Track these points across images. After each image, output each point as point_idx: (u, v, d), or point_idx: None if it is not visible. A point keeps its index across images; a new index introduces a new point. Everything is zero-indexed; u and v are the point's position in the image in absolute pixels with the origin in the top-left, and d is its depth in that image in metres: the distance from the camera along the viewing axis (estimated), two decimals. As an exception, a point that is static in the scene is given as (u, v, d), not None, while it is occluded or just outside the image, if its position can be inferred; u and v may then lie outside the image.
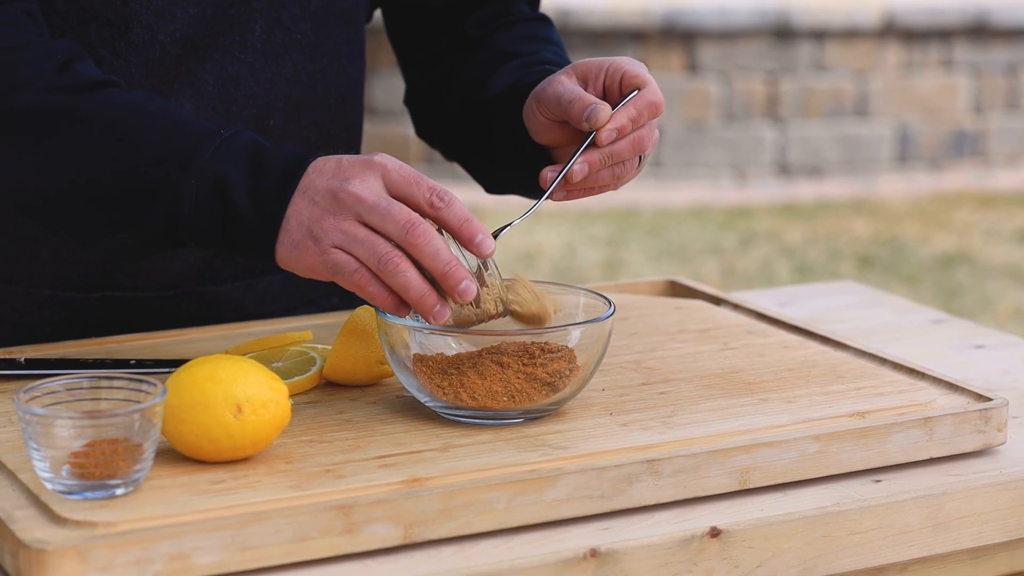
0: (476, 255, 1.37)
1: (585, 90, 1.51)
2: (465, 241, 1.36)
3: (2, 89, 1.45)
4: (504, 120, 1.62)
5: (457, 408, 1.39)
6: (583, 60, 1.55)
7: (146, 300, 1.67)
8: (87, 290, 1.66)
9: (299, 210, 1.36)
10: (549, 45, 1.74)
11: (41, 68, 1.45)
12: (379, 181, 1.35)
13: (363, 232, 1.34)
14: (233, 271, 1.69)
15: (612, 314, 1.43)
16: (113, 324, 1.66)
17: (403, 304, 1.35)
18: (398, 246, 1.34)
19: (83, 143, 1.43)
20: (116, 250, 1.48)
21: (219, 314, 1.70)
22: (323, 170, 1.37)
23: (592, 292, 1.49)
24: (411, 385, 1.41)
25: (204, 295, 1.69)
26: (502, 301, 1.41)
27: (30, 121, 1.44)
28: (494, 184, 1.72)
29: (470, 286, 1.34)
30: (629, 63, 1.51)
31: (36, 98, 1.44)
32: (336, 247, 1.34)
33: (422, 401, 1.42)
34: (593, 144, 1.48)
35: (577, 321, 1.46)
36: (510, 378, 1.39)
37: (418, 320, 1.39)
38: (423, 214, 1.35)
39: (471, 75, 1.71)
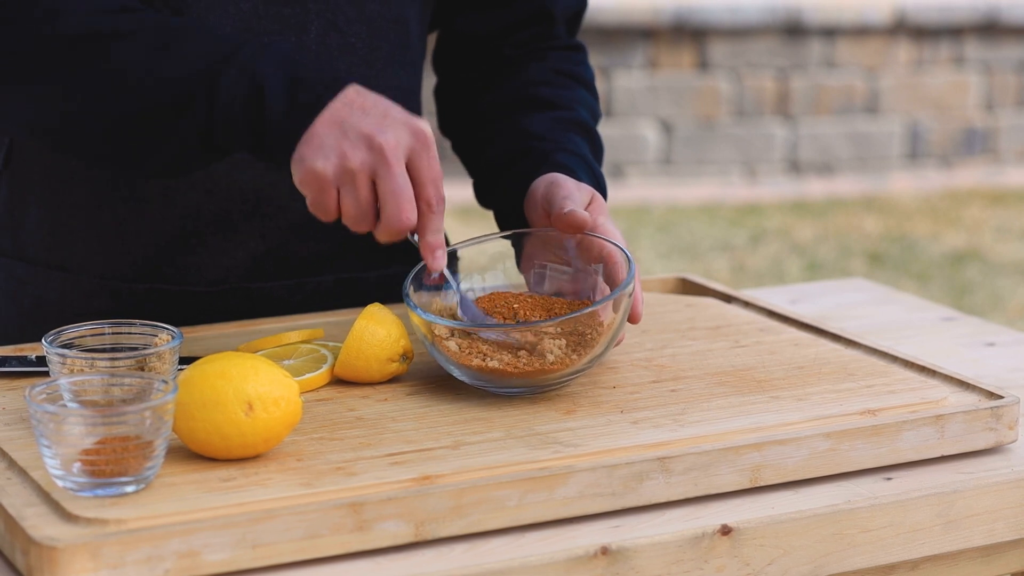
0: (428, 265, 1.44)
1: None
2: (425, 247, 1.43)
3: (48, 16, 1.48)
4: (511, 181, 1.64)
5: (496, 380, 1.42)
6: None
7: (194, 295, 1.68)
8: (135, 280, 1.67)
9: (326, 131, 1.41)
10: (581, 90, 1.75)
11: None
12: (409, 147, 1.40)
13: (365, 189, 1.40)
14: (283, 268, 1.70)
15: (633, 276, 1.45)
16: (159, 318, 1.64)
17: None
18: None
19: (131, 59, 1.46)
20: (154, 171, 1.52)
21: (265, 312, 1.70)
22: (367, 110, 1.41)
23: (609, 241, 1.51)
24: (446, 361, 1.44)
25: (252, 292, 1.69)
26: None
27: (80, 45, 1.47)
28: (485, 203, 1.74)
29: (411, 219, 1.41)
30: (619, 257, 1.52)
31: (81, 21, 1.47)
32: (334, 183, 1.41)
33: (459, 377, 1.44)
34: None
35: (606, 295, 1.49)
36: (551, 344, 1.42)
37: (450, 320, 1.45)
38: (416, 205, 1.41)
39: (501, 108, 1.73)
